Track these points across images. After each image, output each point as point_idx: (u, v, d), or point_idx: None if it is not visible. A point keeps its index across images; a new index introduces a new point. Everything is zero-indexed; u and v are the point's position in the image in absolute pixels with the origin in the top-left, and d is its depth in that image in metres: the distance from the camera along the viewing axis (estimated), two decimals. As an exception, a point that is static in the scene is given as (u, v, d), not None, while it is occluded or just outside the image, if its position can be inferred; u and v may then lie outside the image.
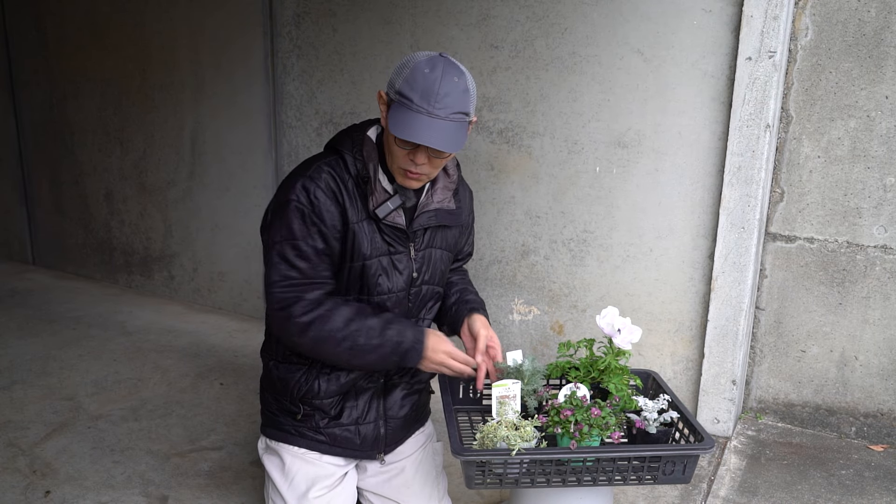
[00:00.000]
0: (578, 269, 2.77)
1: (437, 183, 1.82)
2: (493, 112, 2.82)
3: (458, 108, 1.57)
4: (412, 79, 1.57)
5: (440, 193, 1.81)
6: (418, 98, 1.55)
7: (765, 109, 2.32)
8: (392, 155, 1.66)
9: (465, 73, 1.61)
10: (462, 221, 1.90)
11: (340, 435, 1.83)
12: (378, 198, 1.71)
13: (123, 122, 3.93)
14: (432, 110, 1.55)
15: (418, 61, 1.58)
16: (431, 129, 1.55)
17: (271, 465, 1.88)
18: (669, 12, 2.44)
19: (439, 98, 1.55)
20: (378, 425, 1.86)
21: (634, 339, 1.79)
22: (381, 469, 1.92)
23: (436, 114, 1.55)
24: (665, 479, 1.63)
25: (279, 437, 1.86)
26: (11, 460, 2.35)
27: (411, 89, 1.56)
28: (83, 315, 3.69)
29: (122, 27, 3.78)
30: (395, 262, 1.77)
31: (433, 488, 1.95)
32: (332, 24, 3.11)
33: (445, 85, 1.56)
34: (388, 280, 1.76)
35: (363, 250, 1.73)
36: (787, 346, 2.62)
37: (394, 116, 1.57)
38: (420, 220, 1.78)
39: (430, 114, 1.55)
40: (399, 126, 1.55)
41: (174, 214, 3.88)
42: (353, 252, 1.73)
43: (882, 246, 2.43)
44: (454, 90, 1.57)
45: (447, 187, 1.83)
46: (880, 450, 2.50)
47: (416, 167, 1.64)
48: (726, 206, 2.43)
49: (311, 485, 1.82)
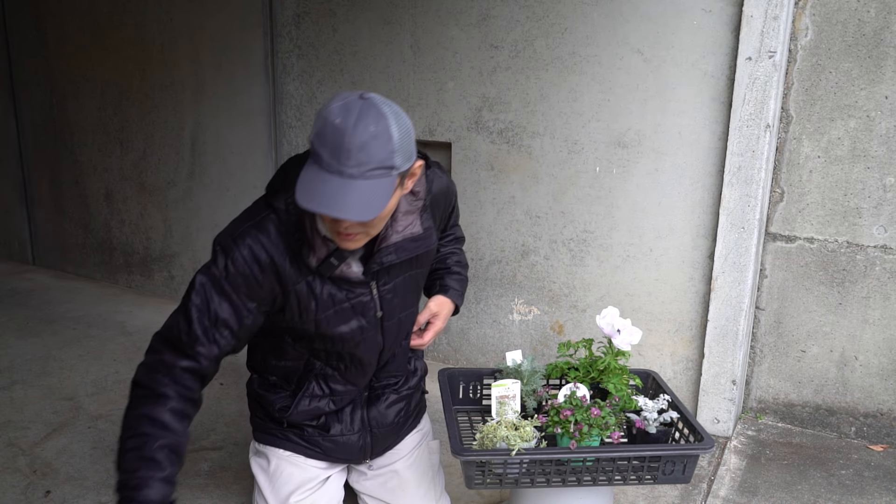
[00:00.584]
0: (578, 269, 2.77)
1: (397, 209, 1.59)
2: (493, 112, 2.82)
3: (377, 162, 1.33)
4: (322, 131, 1.34)
5: (402, 220, 1.60)
6: (327, 155, 1.32)
7: (765, 109, 2.32)
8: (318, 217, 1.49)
9: (388, 116, 1.35)
10: (433, 242, 1.70)
11: (325, 444, 1.82)
12: (319, 253, 1.53)
13: (123, 122, 3.93)
14: (343, 169, 1.31)
15: (330, 109, 1.35)
16: (343, 194, 1.31)
17: (257, 468, 1.88)
18: (669, 12, 2.44)
19: (351, 153, 1.31)
20: (363, 435, 1.84)
21: (634, 340, 1.79)
22: (377, 472, 1.91)
23: (348, 173, 1.32)
24: (665, 479, 1.63)
25: (266, 441, 1.86)
26: (11, 460, 2.35)
27: (321, 144, 1.34)
28: (83, 315, 3.69)
29: (122, 27, 3.78)
30: (356, 307, 1.63)
31: (429, 489, 1.94)
32: (332, 24, 3.11)
33: (359, 136, 1.31)
34: (349, 324, 1.65)
35: (312, 309, 1.59)
36: (787, 346, 2.62)
37: (304, 178, 1.35)
38: (378, 260, 1.59)
39: (340, 174, 1.32)
40: (305, 192, 1.33)
41: (174, 214, 3.88)
42: (302, 314, 1.60)
43: (882, 246, 2.43)
44: (371, 141, 1.32)
45: (411, 210, 1.62)
46: (880, 450, 2.50)
47: (346, 230, 1.44)
48: (726, 206, 2.43)
49: (294, 488, 1.82)
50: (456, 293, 1.93)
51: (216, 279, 1.52)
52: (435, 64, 2.89)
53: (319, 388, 1.77)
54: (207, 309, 1.52)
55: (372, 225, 1.47)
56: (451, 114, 2.91)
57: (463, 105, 2.87)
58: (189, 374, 1.54)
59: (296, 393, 1.79)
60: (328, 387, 1.77)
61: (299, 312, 1.61)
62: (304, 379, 1.78)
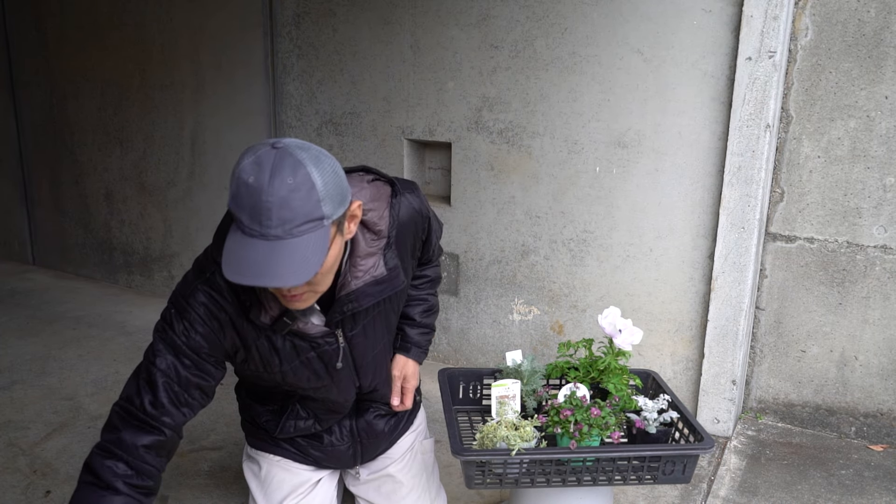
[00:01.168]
0: (578, 269, 2.77)
1: (355, 252, 1.46)
2: (493, 112, 2.82)
3: (303, 216, 1.19)
4: (237, 193, 1.20)
5: (362, 264, 1.46)
6: (247, 219, 1.19)
7: (765, 109, 2.32)
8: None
9: (305, 163, 1.20)
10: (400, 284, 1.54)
11: (315, 454, 1.81)
12: (271, 311, 1.42)
13: (123, 122, 3.93)
14: (267, 231, 1.18)
15: (241, 166, 1.20)
16: (272, 259, 1.18)
17: (249, 474, 1.88)
18: (669, 12, 2.44)
19: (271, 213, 1.17)
20: (352, 444, 1.82)
21: (635, 340, 1.79)
22: (370, 476, 1.91)
23: (273, 234, 1.18)
24: (665, 479, 1.63)
25: (258, 446, 1.86)
26: (11, 460, 2.35)
27: (238, 207, 1.20)
28: (83, 315, 3.69)
29: (122, 27, 3.78)
30: (323, 356, 1.54)
31: (424, 490, 1.93)
32: (332, 24, 3.11)
33: (276, 192, 1.17)
34: (322, 374, 1.58)
35: (275, 363, 1.52)
36: (787, 346, 2.62)
37: (228, 247, 1.22)
38: (339, 309, 1.48)
39: (265, 237, 1.19)
40: (230, 264, 1.20)
41: (174, 214, 3.88)
42: (266, 367, 1.53)
43: (882, 246, 2.43)
44: (291, 195, 1.18)
45: (371, 252, 1.48)
46: (880, 450, 2.50)
47: (289, 292, 1.32)
48: (726, 206, 2.43)
49: (286, 494, 1.81)
50: (419, 352, 1.85)
51: (177, 345, 1.43)
52: (435, 64, 2.89)
53: (304, 411, 1.75)
54: (177, 374, 1.43)
55: (316, 283, 1.33)
56: (451, 114, 2.91)
57: (463, 105, 2.87)
58: (152, 453, 1.42)
59: (281, 413, 1.76)
60: (310, 411, 1.75)
61: (262, 366, 1.53)
62: (288, 402, 1.76)
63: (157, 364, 1.43)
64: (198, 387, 1.47)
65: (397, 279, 1.53)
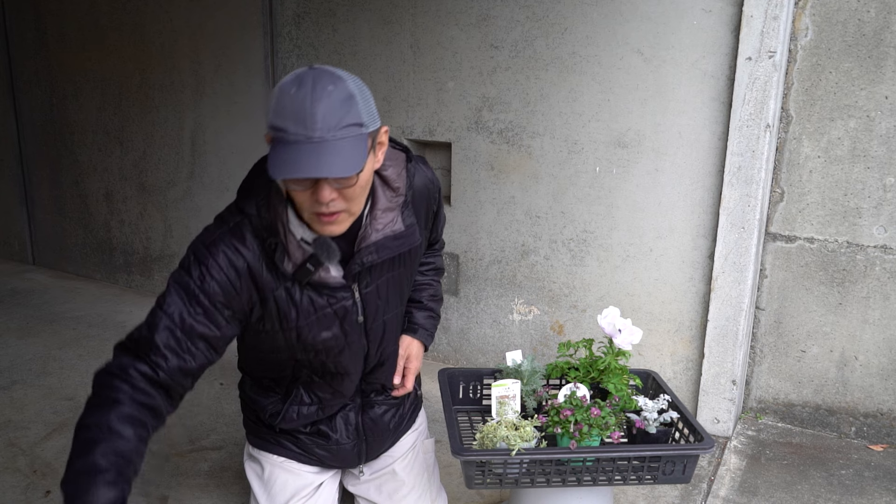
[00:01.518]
0: (578, 269, 2.77)
1: (376, 203, 1.53)
2: (493, 112, 2.82)
3: (345, 120, 1.30)
4: (279, 105, 1.31)
5: (382, 217, 1.54)
6: (292, 125, 1.28)
7: (765, 109, 2.32)
8: (297, 203, 1.41)
9: (344, 78, 1.33)
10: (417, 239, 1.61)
11: (319, 452, 1.81)
12: (295, 257, 1.47)
13: (123, 122, 3.93)
14: (312, 134, 1.28)
15: (283, 84, 1.33)
16: (317, 157, 1.28)
17: (252, 474, 1.87)
18: (669, 12, 2.44)
19: (316, 117, 1.28)
20: (357, 443, 1.82)
21: (635, 340, 1.79)
22: (372, 476, 1.90)
23: (317, 137, 1.28)
24: (665, 479, 1.63)
25: (260, 445, 1.84)
26: (11, 460, 2.35)
27: (282, 118, 1.30)
28: (83, 315, 3.69)
29: (122, 27, 3.78)
30: (339, 311, 1.57)
31: (425, 489, 1.93)
32: (332, 24, 3.11)
33: (319, 98, 1.29)
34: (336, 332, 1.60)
35: (292, 317, 1.53)
36: (787, 346, 2.62)
37: (272, 157, 1.30)
38: (359, 260, 1.52)
39: (310, 139, 1.28)
40: (278, 165, 1.29)
41: (174, 214, 3.88)
42: (282, 322, 1.54)
43: (882, 246, 2.43)
44: (332, 101, 1.29)
45: (391, 207, 1.55)
46: (880, 450, 2.50)
47: (328, 207, 1.37)
48: (726, 206, 2.43)
49: (290, 496, 1.81)
50: (425, 333, 1.88)
51: (190, 290, 1.45)
52: (435, 64, 2.89)
53: (308, 396, 1.75)
54: (182, 321, 1.44)
55: (353, 198, 1.39)
56: (451, 114, 2.91)
57: (463, 105, 2.87)
58: (145, 380, 1.43)
59: (285, 399, 1.76)
60: (315, 395, 1.75)
61: (279, 321, 1.55)
62: (293, 385, 1.75)
63: (164, 308, 1.45)
64: (203, 337, 1.47)
65: (414, 236, 1.59)
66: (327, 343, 1.61)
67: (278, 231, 1.46)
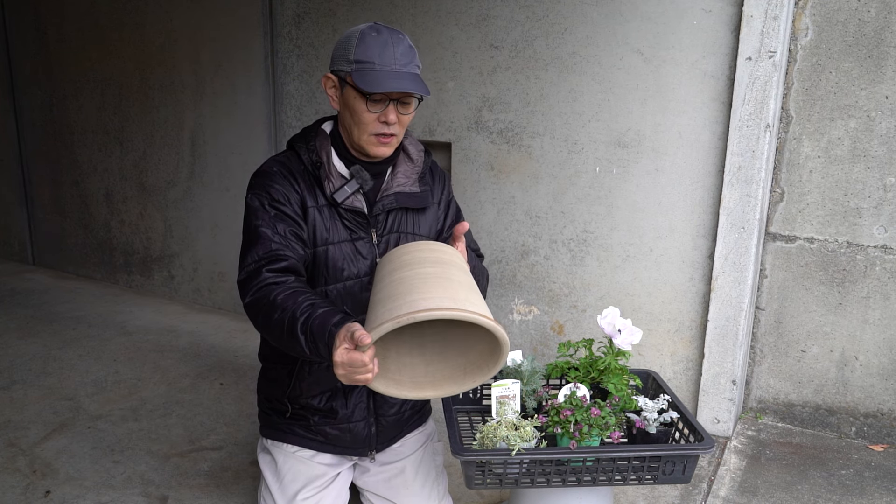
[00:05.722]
0: (578, 269, 2.77)
1: (398, 167, 1.83)
2: (493, 112, 2.81)
3: (413, 61, 1.66)
4: (365, 45, 1.63)
5: (402, 177, 1.82)
6: (378, 59, 1.62)
7: (765, 109, 2.32)
8: (361, 125, 1.68)
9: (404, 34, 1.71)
10: (428, 203, 1.88)
11: (331, 433, 1.84)
12: (334, 183, 1.74)
13: (123, 122, 3.93)
14: (396, 66, 1.63)
15: (362, 30, 1.65)
16: (401, 81, 1.62)
17: (265, 465, 1.90)
18: (669, 12, 2.44)
19: (397, 53, 1.63)
20: (369, 423, 1.85)
21: (635, 340, 1.79)
22: (381, 469, 1.92)
23: (398, 69, 1.63)
24: (665, 479, 1.63)
25: (272, 436, 1.88)
26: (11, 460, 2.35)
27: (368, 53, 1.62)
28: (83, 315, 3.69)
29: (122, 27, 3.79)
30: (358, 247, 1.78)
31: (432, 489, 1.95)
32: (332, 24, 3.11)
33: (396, 44, 1.64)
34: (352, 265, 1.77)
35: (323, 235, 1.75)
36: (787, 346, 2.62)
37: (361, 80, 1.61)
38: (380, 204, 1.78)
39: (394, 70, 1.62)
40: (372, 84, 1.60)
41: (174, 214, 3.88)
42: (315, 237, 1.75)
43: (882, 246, 2.43)
44: (404, 47, 1.65)
45: (410, 172, 1.84)
46: (880, 450, 2.50)
47: (389, 127, 1.68)
48: (726, 206, 2.43)
49: (301, 486, 1.83)
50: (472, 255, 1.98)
51: (262, 200, 1.70)
52: (435, 64, 2.89)
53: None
54: (274, 224, 1.68)
55: (404, 125, 1.72)
56: (451, 114, 2.91)
57: (463, 105, 2.87)
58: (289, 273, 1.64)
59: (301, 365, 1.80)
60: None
61: (313, 238, 1.75)
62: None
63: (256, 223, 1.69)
64: (295, 235, 1.70)
65: (427, 199, 1.86)
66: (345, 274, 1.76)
67: (322, 162, 1.75)
